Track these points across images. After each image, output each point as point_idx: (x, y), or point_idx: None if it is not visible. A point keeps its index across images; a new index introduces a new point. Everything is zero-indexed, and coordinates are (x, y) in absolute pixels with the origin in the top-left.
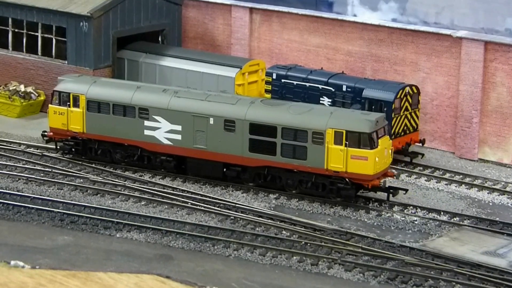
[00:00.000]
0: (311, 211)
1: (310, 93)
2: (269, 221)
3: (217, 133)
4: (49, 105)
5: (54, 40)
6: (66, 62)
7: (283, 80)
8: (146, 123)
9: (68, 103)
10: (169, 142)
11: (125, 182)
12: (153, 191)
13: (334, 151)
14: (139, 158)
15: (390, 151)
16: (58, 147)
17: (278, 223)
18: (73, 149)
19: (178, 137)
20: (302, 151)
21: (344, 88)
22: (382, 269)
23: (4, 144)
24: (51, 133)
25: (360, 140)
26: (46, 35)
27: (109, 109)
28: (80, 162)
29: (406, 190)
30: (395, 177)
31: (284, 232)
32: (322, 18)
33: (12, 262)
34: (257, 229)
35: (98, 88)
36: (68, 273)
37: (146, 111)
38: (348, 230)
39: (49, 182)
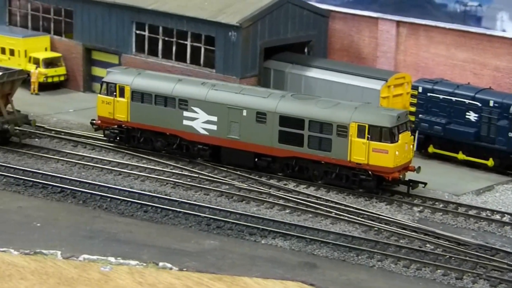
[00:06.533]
0: (455, 225)
1: (456, 108)
2: (413, 233)
3: (250, 124)
4: (98, 95)
5: (202, 49)
6: (214, 70)
7: (429, 94)
8: (185, 113)
9: (114, 93)
10: (205, 132)
11: (270, 190)
12: (298, 200)
13: (357, 144)
14: (178, 146)
15: (411, 146)
16: (105, 135)
17: (422, 236)
18: (117, 137)
19: (214, 127)
20: (327, 143)
21: (491, 104)
22: None
23: (150, 150)
24: (99, 121)
25: (382, 134)
26: (195, 44)
27: (152, 100)
28: (225, 169)
29: (425, 184)
30: (415, 171)
31: (428, 245)
32: (470, 33)
33: (161, 264)
34: (401, 241)
35: (142, 79)
36: (214, 277)
37: (185, 102)
38: (493, 246)
39: (195, 187)
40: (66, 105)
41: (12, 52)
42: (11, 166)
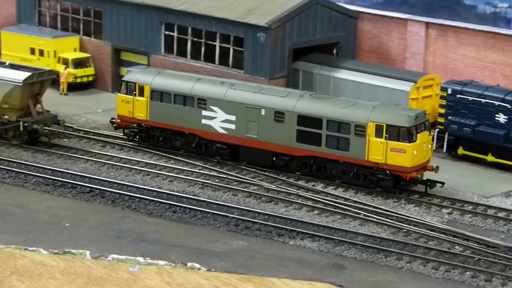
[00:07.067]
0: (484, 228)
1: (486, 110)
2: (442, 235)
3: (268, 123)
4: (117, 94)
5: (231, 50)
6: (243, 71)
7: (458, 96)
8: (204, 112)
9: (134, 92)
10: (224, 131)
11: (298, 191)
12: (326, 201)
13: (375, 144)
14: (196, 145)
15: (429, 145)
16: (124, 134)
17: (451, 238)
18: (137, 136)
19: (232, 126)
20: (345, 142)
21: None
22: None
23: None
24: (119, 120)
25: (399, 133)
26: (223, 45)
27: (171, 99)
28: (254, 170)
29: (443, 183)
30: (433, 171)
31: (457, 247)
32: (500, 35)
33: (189, 264)
34: (429, 242)
35: (161, 78)
36: (242, 277)
37: (204, 102)
38: None
39: (224, 188)
40: (95, 105)
41: (41, 53)
42: (41, 166)
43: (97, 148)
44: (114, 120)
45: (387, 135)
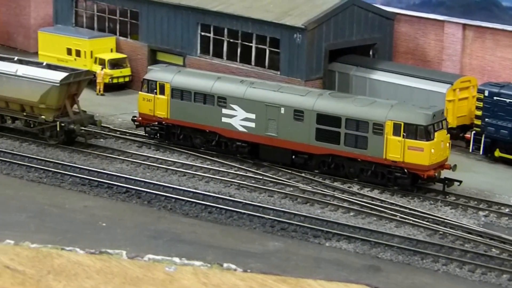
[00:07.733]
0: None
1: None
2: (478, 238)
3: (287, 122)
4: (139, 92)
5: (267, 51)
6: (279, 73)
7: (495, 98)
8: (224, 111)
9: (155, 90)
10: (243, 129)
11: (334, 193)
12: (362, 203)
13: (393, 142)
14: (217, 143)
15: (447, 144)
16: (145, 132)
17: (488, 240)
18: (158, 134)
19: (252, 124)
20: (363, 141)
21: None
22: None
23: (216, 153)
24: (140, 118)
25: (417, 132)
26: (260, 46)
27: (191, 97)
28: (290, 171)
29: (461, 182)
30: (451, 169)
31: (493, 249)
32: None
33: (225, 265)
34: (466, 245)
35: (182, 77)
36: (278, 278)
37: (224, 100)
38: None
39: (260, 189)
40: (131, 106)
41: (78, 53)
42: (77, 166)
43: (133, 149)
44: (135, 118)
45: (405, 134)
